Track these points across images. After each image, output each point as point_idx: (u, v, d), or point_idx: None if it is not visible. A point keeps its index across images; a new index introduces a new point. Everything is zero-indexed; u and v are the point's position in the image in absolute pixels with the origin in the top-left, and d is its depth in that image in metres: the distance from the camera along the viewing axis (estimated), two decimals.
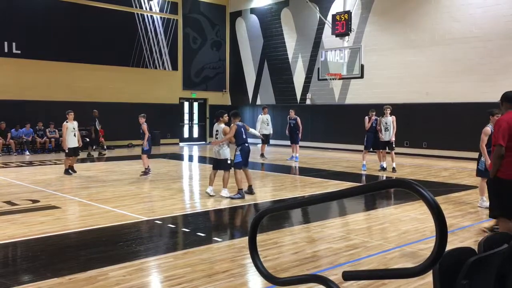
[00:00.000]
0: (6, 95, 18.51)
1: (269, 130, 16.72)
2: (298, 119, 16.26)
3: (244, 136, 9.46)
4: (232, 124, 9.42)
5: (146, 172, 12.19)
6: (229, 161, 9.39)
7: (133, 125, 12.70)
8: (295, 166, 14.93)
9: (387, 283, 4.58)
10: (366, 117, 13.62)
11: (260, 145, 17.38)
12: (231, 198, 9.20)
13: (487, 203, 8.43)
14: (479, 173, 8.09)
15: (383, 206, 8.80)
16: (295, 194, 10.30)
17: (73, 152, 12.63)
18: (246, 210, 8.70)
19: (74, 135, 12.62)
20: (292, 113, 16.36)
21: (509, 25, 15.59)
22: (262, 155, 16.69)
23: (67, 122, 12.58)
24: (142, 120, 12.23)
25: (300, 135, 16.32)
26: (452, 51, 16.95)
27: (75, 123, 12.75)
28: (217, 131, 9.44)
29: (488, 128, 8.54)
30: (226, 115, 9.53)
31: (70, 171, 12.51)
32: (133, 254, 5.62)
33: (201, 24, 24.79)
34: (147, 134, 12.13)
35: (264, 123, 16.57)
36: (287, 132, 16.48)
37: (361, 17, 19.45)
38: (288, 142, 17.22)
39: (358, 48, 17.24)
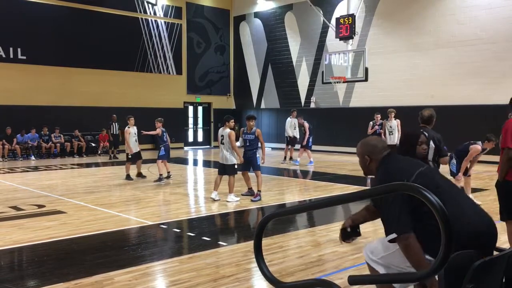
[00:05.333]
0: (12, 100, 18.61)
1: (295, 133, 16.42)
2: (306, 124, 15.97)
3: None
4: (257, 129, 9.62)
5: (160, 178, 11.94)
6: (236, 166, 9.41)
7: (138, 130, 12.73)
8: (299, 170, 14.91)
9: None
10: (371, 122, 13.59)
11: (285, 149, 16.93)
12: (252, 201, 9.32)
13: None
14: (452, 174, 8.61)
15: None
16: (300, 198, 10.30)
17: (137, 156, 12.58)
18: (251, 214, 8.70)
19: (136, 140, 12.56)
20: (299, 120, 16.19)
21: None
22: (291, 158, 16.46)
23: (129, 127, 12.46)
24: (158, 124, 12.25)
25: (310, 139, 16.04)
26: (457, 54, 16.91)
27: (135, 128, 12.63)
28: (222, 136, 9.38)
29: (479, 147, 8.65)
30: (232, 120, 9.54)
31: (136, 176, 12.49)
32: (138, 259, 5.63)
33: (205, 29, 24.85)
34: (146, 133, 12.40)
35: (291, 127, 16.42)
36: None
37: (365, 20, 19.44)
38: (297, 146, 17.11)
39: (362, 51, 17.23)
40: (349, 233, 3.27)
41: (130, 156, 12.47)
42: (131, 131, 12.46)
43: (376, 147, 3.12)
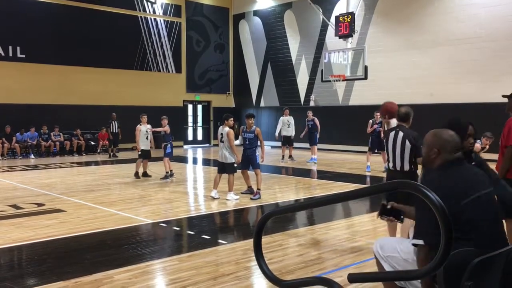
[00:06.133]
0: (11, 99, 18.59)
1: (290, 132, 16.26)
2: (316, 120, 16.09)
3: None
4: (256, 128, 9.63)
5: (166, 176, 12.03)
6: (235, 165, 9.41)
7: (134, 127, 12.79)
8: (299, 168, 14.91)
9: None
10: (370, 121, 13.61)
11: (282, 148, 16.82)
12: (252, 199, 9.33)
13: None
14: None
15: None
16: (300, 196, 10.30)
17: (144, 155, 12.49)
18: (251, 212, 8.71)
19: (147, 138, 12.51)
20: (310, 114, 16.22)
21: None
22: (290, 156, 16.39)
23: (140, 124, 12.46)
24: (164, 122, 12.30)
25: (317, 135, 16.11)
26: (457, 52, 16.91)
27: (148, 126, 12.58)
28: (221, 134, 9.40)
29: (478, 145, 8.61)
30: (231, 119, 9.55)
31: (142, 175, 12.44)
32: (138, 257, 5.64)
33: (204, 27, 24.84)
34: (154, 129, 12.46)
35: (285, 125, 16.26)
36: (302, 134, 16.33)
37: (364, 18, 19.43)
38: (307, 145, 17.10)
39: (362, 49, 17.23)
40: (388, 211, 3.14)
41: (139, 153, 12.44)
42: (142, 129, 12.43)
43: (450, 143, 2.81)
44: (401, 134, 5.38)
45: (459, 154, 2.82)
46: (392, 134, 5.53)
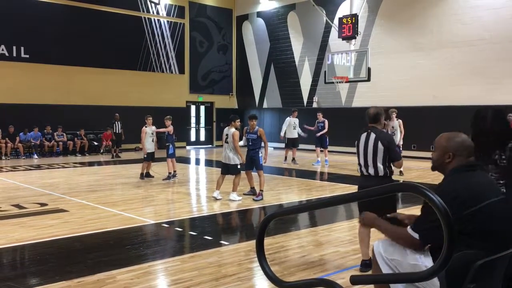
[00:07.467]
0: (14, 99, 18.64)
1: (295, 134, 16.08)
2: (326, 122, 15.92)
3: None
4: (259, 129, 9.63)
5: (169, 176, 12.06)
6: (239, 166, 9.41)
7: (140, 129, 12.77)
8: (301, 169, 14.91)
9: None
10: None
11: (285, 149, 16.73)
12: (254, 200, 9.33)
13: None
14: None
15: None
16: (302, 197, 10.29)
17: (150, 156, 12.47)
18: (253, 213, 8.71)
19: (152, 140, 12.49)
20: (320, 116, 16.06)
21: None
22: (293, 159, 16.22)
23: (146, 127, 12.45)
24: (168, 122, 12.26)
25: (327, 138, 16.03)
26: (460, 54, 16.88)
27: (153, 128, 12.57)
28: (226, 135, 9.40)
29: None
30: (238, 120, 9.54)
31: (144, 176, 12.40)
32: (140, 257, 5.65)
33: (207, 28, 24.87)
34: (157, 130, 12.48)
35: (290, 126, 16.07)
36: (309, 127, 16.22)
37: (367, 20, 19.42)
38: (307, 146, 16.95)
39: (365, 51, 17.18)
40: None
41: (145, 156, 12.43)
42: (147, 130, 12.42)
43: (465, 148, 2.74)
44: (373, 136, 5.06)
45: (472, 159, 2.76)
46: (363, 136, 5.17)
